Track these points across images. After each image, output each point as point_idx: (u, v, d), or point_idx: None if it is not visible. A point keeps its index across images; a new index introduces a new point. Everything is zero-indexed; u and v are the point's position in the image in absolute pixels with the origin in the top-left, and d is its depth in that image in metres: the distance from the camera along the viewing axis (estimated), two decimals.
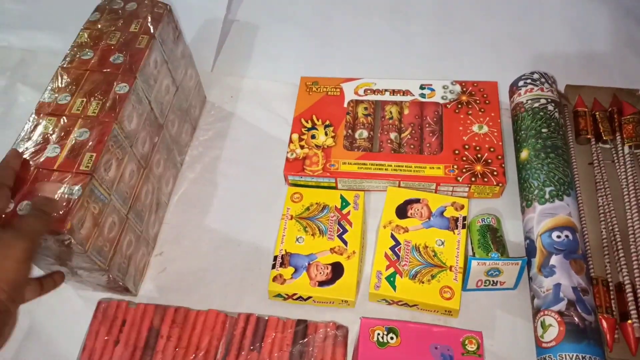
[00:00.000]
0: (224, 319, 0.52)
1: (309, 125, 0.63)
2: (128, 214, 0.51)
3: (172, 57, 0.58)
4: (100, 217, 0.46)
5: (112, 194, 0.48)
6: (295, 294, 0.53)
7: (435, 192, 0.59)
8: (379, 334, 0.49)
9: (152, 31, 0.54)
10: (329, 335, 0.51)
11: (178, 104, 0.61)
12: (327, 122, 0.63)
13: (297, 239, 0.55)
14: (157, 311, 0.53)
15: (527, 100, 0.59)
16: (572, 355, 0.44)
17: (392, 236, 0.55)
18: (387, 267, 0.53)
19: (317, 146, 0.61)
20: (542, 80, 0.60)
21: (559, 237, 0.50)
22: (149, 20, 0.55)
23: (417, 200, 0.57)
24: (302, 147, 0.61)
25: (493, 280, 0.52)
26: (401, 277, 0.52)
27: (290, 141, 0.62)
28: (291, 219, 0.57)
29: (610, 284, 0.51)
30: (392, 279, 0.52)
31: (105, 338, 0.51)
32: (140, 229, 0.54)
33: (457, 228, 0.54)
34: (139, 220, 0.54)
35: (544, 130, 0.56)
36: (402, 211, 0.56)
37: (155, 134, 0.56)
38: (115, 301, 0.54)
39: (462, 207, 0.56)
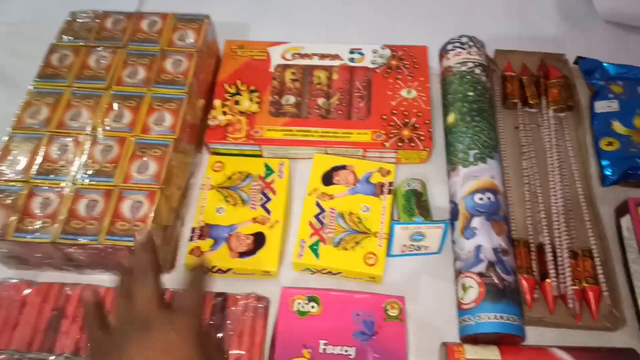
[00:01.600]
0: None
1: (233, 90, 0.60)
2: None
3: None
4: None
5: None
6: (214, 267, 0.50)
7: (363, 159, 0.57)
8: (299, 303, 0.47)
9: None
10: (249, 307, 0.48)
11: None
12: (253, 88, 0.60)
13: (218, 210, 0.52)
14: (61, 290, 0.49)
15: (454, 64, 0.58)
16: (491, 315, 0.43)
17: (317, 204, 0.52)
18: (311, 235, 0.51)
19: (241, 112, 0.58)
20: (471, 44, 0.59)
21: (481, 199, 0.49)
22: None
23: (343, 167, 0.55)
24: (224, 113, 0.58)
25: (417, 245, 0.50)
26: (325, 244, 0.50)
27: (213, 107, 0.58)
28: (211, 189, 0.54)
29: (532, 245, 0.51)
30: (315, 247, 0.50)
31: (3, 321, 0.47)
32: None
33: (382, 194, 0.53)
34: None
35: (470, 93, 0.55)
36: (328, 178, 0.54)
37: None
38: (15, 281, 0.49)
39: (389, 172, 0.54)
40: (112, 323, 0.35)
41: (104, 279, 0.51)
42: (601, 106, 0.58)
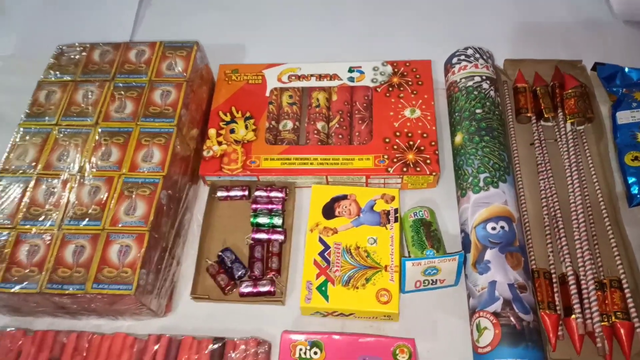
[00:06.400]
0: (132, 342, 0.46)
1: (228, 118, 0.57)
2: None
3: None
4: None
5: None
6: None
7: (366, 186, 0.54)
8: (301, 350, 0.44)
9: None
10: (249, 353, 0.45)
11: None
12: (248, 114, 0.57)
13: None
14: (57, 339, 0.47)
15: (460, 79, 0.54)
16: None
17: (321, 240, 0.49)
18: (318, 276, 0.47)
19: (237, 141, 0.55)
20: (477, 55, 0.55)
21: (494, 228, 0.45)
22: None
23: (344, 197, 0.51)
24: (220, 143, 0.55)
25: (432, 280, 0.47)
26: (333, 285, 0.46)
27: (207, 137, 0.56)
28: None
29: (554, 275, 0.47)
30: (323, 289, 0.46)
31: None
32: None
33: (389, 222, 0.49)
34: None
35: (478, 111, 0.52)
36: (329, 210, 0.51)
37: None
38: (12, 330, 0.48)
39: (393, 198, 0.51)
40: None
41: (101, 324, 0.49)
42: (624, 116, 0.54)
